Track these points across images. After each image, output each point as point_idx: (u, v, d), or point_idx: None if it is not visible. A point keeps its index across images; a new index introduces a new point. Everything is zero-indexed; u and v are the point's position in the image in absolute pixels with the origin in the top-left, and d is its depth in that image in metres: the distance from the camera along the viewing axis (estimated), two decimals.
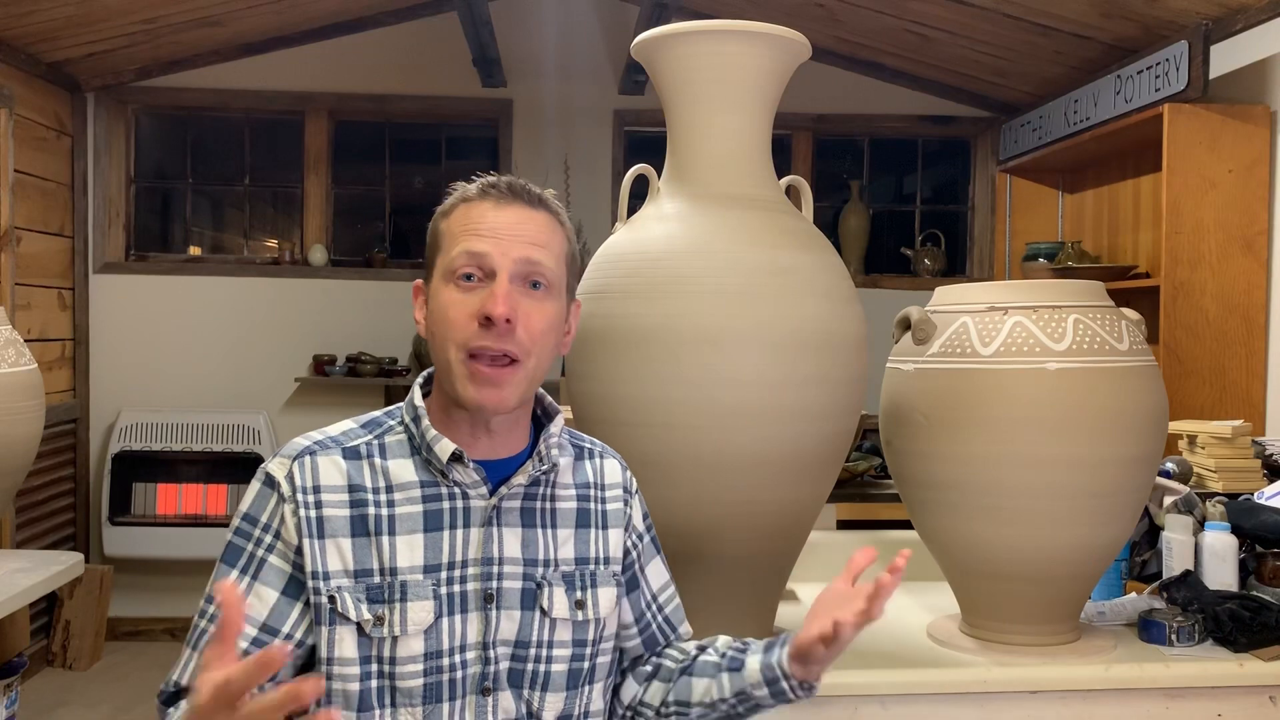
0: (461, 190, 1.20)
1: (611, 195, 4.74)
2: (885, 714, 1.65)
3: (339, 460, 1.16)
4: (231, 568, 1.14)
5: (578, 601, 1.20)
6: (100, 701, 3.94)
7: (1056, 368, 1.63)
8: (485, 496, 1.17)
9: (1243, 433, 2.28)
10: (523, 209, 1.17)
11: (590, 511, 1.25)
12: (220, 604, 0.92)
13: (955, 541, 1.74)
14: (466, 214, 1.18)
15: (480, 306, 1.12)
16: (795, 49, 1.71)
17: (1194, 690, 1.68)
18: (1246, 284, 3.20)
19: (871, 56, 4.72)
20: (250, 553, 1.15)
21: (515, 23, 4.71)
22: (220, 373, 4.77)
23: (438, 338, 1.16)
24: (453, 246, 1.16)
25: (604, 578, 1.23)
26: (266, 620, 1.13)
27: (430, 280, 1.20)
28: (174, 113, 4.92)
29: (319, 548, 1.13)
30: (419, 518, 1.15)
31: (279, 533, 1.14)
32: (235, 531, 1.17)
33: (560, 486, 1.24)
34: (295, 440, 1.20)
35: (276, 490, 1.15)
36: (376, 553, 1.14)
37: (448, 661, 1.14)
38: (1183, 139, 3.22)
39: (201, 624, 1.15)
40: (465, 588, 1.15)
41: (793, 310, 1.59)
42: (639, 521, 1.31)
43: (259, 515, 1.16)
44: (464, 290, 1.14)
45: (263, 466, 1.18)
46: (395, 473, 1.17)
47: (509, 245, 1.14)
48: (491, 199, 1.17)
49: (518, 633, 1.17)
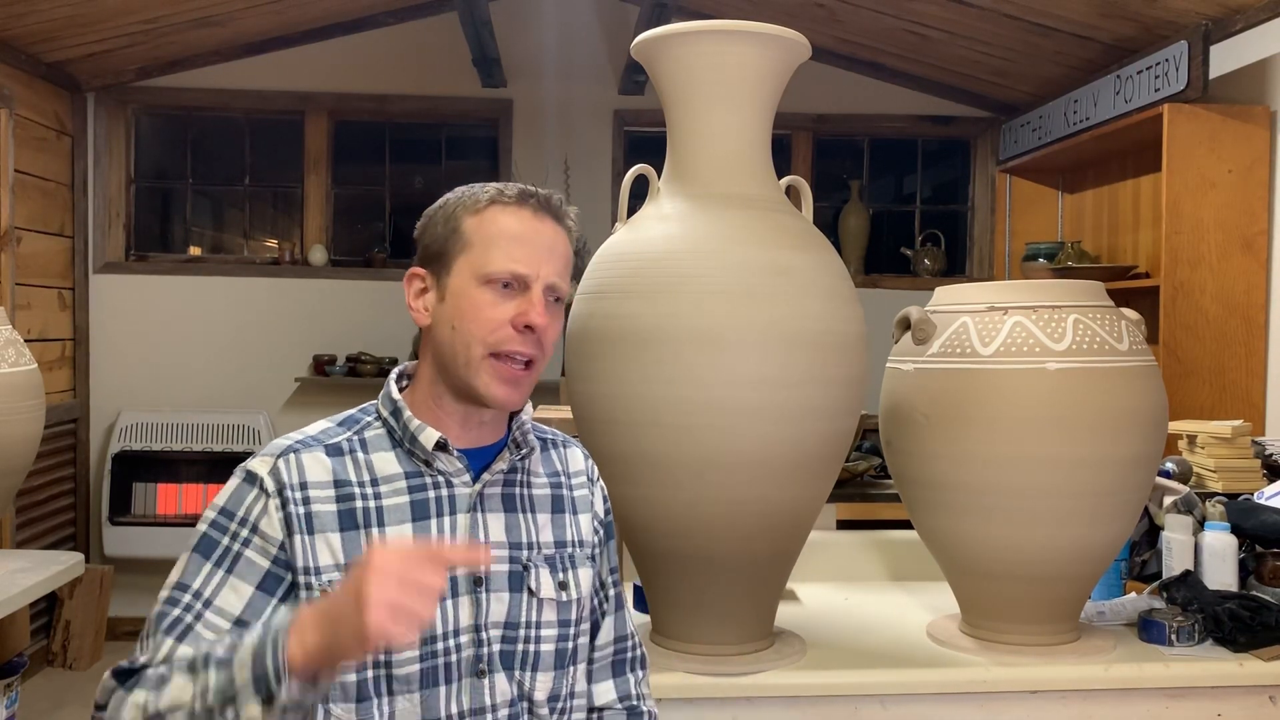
0: (495, 191, 1.21)
1: (611, 195, 4.74)
2: (885, 714, 1.65)
3: (322, 457, 1.18)
4: (205, 559, 1.14)
5: (561, 583, 1.24)
6: None
7: (1056, 368, 1.63)
8: (469, 484, 1.21)
9: (1242, 433, 2.28)
10: (553, 225, 1.22)
11: (563, 498, 1.30)
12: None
13: (955, 541, 1.74)
14: (503, 220, 1.20)
15: (518, 313, 1.17)
16: (795, 49, 1.71)
17: (1194, 690, 1.68)
18: (1246, 284, 3.20)
19: (871, 56, 4.72)
20: (226, 546, 1.14)
21: (515, 23, 4.71)
22: (220, 373, 4.77)
23: (461, 334, 1.18)
24: (489, 251, 1.18)
25: (581, 559, 1.28)
26: (241, 615, 1.12)
27: (445, 274, 1.20)
28: (174, 113, 4.92)
29: (309, 543, 1.14)
30: (406, 508, 1.18)
31: (257, 527, 1.15)
32: (210, 524, 1.16)
33: (533, 474, 1.28)
34: (275, 440, 1.21)
35: (258, 486, 1.16)
36: (366, 544, 1.15)
37: (442, 646, 1.16)
38: (1183, 139, 3.22)
39: (178, 613, 1.11)
40: (455, 572, 1.18)
41: (793, 310, 1.59)
42: (600, 508, 1.36)
43: (236, 510, 1.16)
44: (499, 295, 1.18)
45: (242, 464, 1.19)
46: (379, 466, 1.19)
47: (544, 264, 1.19)
48: (529, 208, 1.21)
49: (507, 614, 1.20)
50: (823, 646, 1.76)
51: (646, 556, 1.70)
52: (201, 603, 1.12)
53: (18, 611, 2.86)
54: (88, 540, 4.66)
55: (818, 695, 1.64)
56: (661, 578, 1.70)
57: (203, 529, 1.16)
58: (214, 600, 1.12)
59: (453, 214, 1.22)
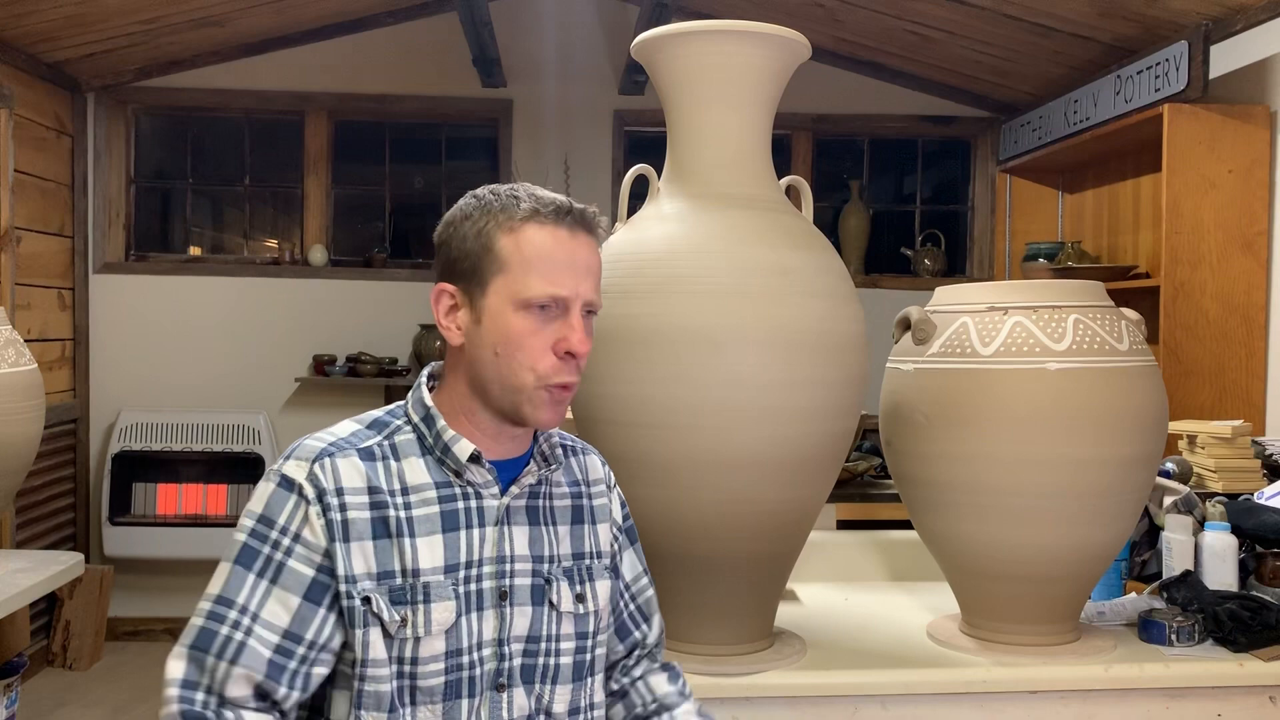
0: (530, 208, 1.17)
1: (611, 195, 4.74)
2: (885, 714, 1.65)
3: (358, 462, 1.16)
4: (248, 570, 1.11)
5: (578, 595, 1.23)
6: (100, 701, 3.94)
7: (1057, 368, 1.63)
8: (497, 496, 1.20)
9: (1243, 433, 2.28)
10: (587, 239, 1.20)
11: (583, 508, 1.29)
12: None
13: (955, 541, 1.74)
14: (539, 240, 1.16)
15: (558, 339, 1.16)
16: (795, 49, 1.71)
17: (1194, 690, 1.68)
18: (1246, 284, 3.20)
19: (871, 56, 4.72)
20: (268, 556, 1.12)
21: (515, 23, 4.71)
22: (220, 373, 4.76)
23: (507, 360, 1.16)
24: (528, 275, 1.15)
25: (598, 571, 1.27)
26: (289, 627, 1.11)
27: (481, 294, 1.17)
28: (174, 113, 4.92)
29: (345, 551, 1.13)
30: (436, 518, 1.17)
31: (299, 536, 1.12)
32: (249, 534, 1.13)
33: (556, 485, 1.27)
34: (306, 442, 1.17)
35: (296, 492, 1.13)
36: (398, 554, 1.14)
37: (466, 659, 1.16)
38: (1183, 139, 3.22)
39: (226, 632, 1.09)
40: (482, 586, 1.17)
41: (793, 310, 1.59)
42: (618, 514, 1.35)
43: (275, 517, 1.13)
44: (539, 320, 1.16)
45: (275, 468, 1.16)
46: (409, 474, 1.18)
47: (581, 284, 1.18)
48: (565, 227, 1.18)
49: (529, 628, 1.19)
50: (823, 646, 1.76)
51: (646, 557, 1.70)
52: (249, 618, 1.10)
53: (18, 611, 2.87)
54: (87, 540, 4.66)
55: (818, 695, 1.64)
56: (661, 578, 1.70)
57: (241, 539, 1.13)
58: (260, 614, 1.10)
59: (485, 229, 1.17)
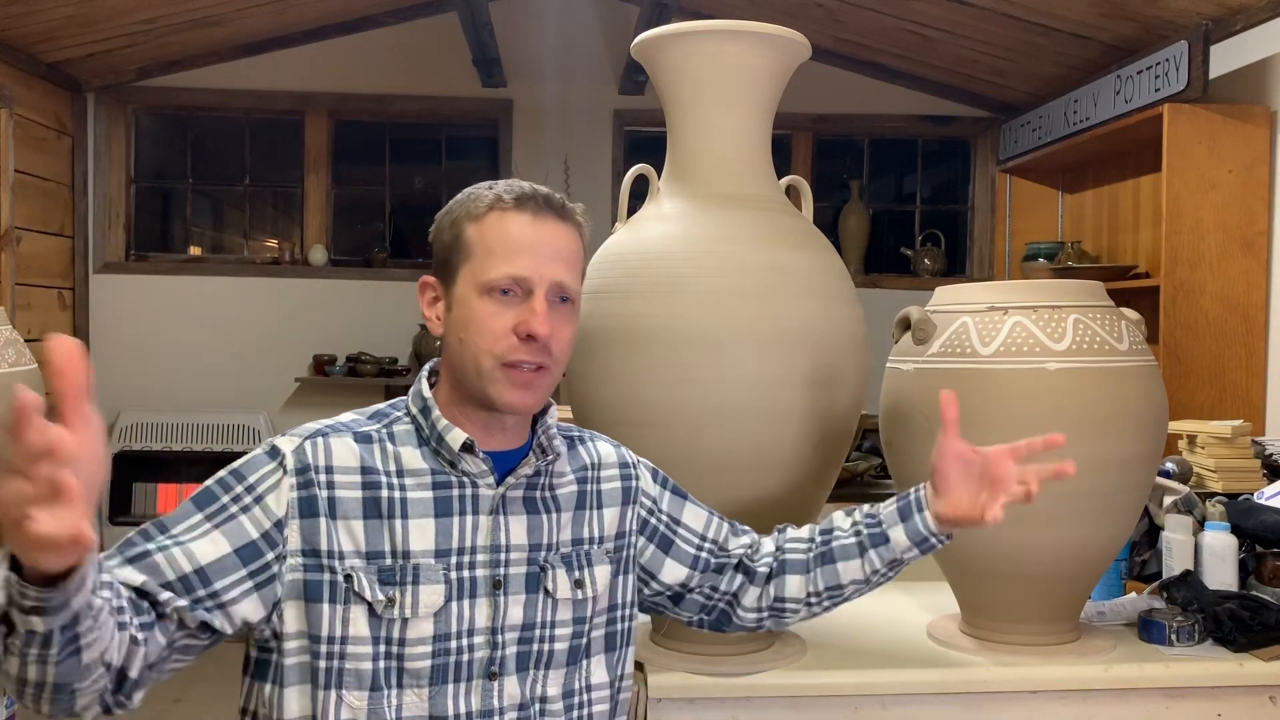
0: (494, 196, 1.20)
1: (611, 195, 4.74)
2: (885, 714, 1.65)
3: (351, 443, 1.18)
4: (198, 510, 1.12)
5: (576, 581, 1.24)
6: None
7: (1056, 368, 1.63)
8: (493, 486, 1.20)
9: (1242, 433, 2.28)
10: (555, 224, 1.20)
11: (587, 493, 1.29)
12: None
13: (955, 541, 1.73)
14: (503, 226, 1.18)
15: (519, 322, 1.16)
16: (795, 49, 1.71)
17: (1194, 690, 1.68)
18: (1246, 284, 3.20)
19: (871, 56, 4.72)
20: (223, 504, 1.13)
21: (515, 23, 4.71)
22: (220, 373, 4.77)
23: (469, 345, 1.18)
24: (489, 259, 1.17)
25: (598, 556, 1.27)
26: (205, 566, 1.09)
27: (452, 283, 1.20)
28: (174, 113, 4.92)
29: (332, 528, 1.14)
30: (430, 503, 1.17)
31: (261, 498, 1.13)
32: (217, 481, 1.14)
33: (558, 475, 1.27)
34: (307, 424, 1.20)
35: (278, 461, 1.15)
36: (389, 535, 1.15)
37: (455, 645, 1.16)
38: (1182, 139, 3.22)
39: (143, 543, 1.08)
40: (475, 573, 1.18)
41: (792, 310, 1.58)
42: (650, 486, 1.36)
43: (247, 475, 1.14)
44: (500, 304, 1.17)
45: (270, 439, 1.18)
46: (405, 460, 1.19)
47: (545, 265, 1.18)
48: (529, 211, 1.19)
49: (524, 616, 1.20)
50: (823, 646, 1.76)
51: None
52: (172, 541, 1.09)
53: None
54: None
55: (818, 695, 1.64)
56: None
57: (207, 484, 1.15)
58: (185, 542, 1.09)
59: (456, 221, 1.21)
